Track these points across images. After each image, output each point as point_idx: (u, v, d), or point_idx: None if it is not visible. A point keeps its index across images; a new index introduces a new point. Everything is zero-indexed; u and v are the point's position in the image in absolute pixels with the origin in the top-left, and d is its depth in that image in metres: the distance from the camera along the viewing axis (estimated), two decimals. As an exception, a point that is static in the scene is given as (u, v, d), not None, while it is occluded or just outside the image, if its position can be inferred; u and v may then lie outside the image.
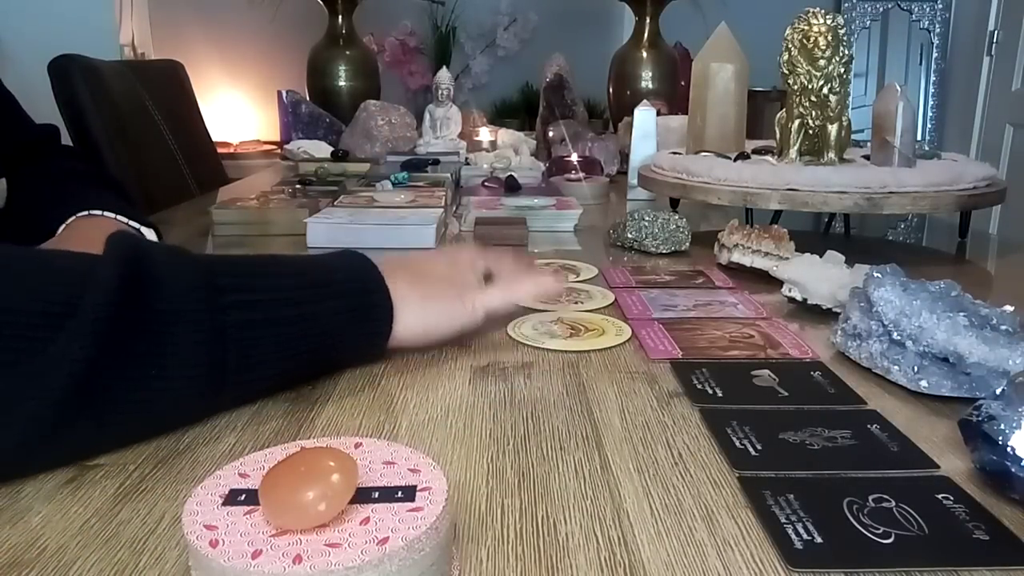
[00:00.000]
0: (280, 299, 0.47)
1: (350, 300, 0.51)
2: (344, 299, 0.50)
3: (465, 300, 0.57)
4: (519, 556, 0.33)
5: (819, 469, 0.40)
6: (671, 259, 0.89)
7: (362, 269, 0.53)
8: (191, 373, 0.42)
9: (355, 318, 0.51)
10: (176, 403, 0.43)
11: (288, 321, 0.47)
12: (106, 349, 0.39)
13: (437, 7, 3.00)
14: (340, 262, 0.53)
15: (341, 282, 0.51)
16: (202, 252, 0.95)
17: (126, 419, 0.41)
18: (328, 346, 0.50)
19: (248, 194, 1.14)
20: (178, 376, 0.42)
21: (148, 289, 0.41)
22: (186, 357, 0.42)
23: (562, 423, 0.46)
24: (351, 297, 0.51)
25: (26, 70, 1.34)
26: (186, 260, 0.45)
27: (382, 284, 0.52)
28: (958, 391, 0.49)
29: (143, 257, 0.42)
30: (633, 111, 1.37)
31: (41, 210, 0.73)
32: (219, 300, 0.44)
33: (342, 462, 0.30)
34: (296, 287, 0.49)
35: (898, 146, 0.90)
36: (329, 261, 0.53)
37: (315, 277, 0.50)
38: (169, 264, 0.43)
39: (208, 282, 0.44)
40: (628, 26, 2.31)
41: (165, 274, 0.42)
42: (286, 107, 1.97)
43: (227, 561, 0.27)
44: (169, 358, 0.41)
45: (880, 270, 0.54)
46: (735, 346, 0.59)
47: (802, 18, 0.90)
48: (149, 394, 0.41)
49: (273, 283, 0.48)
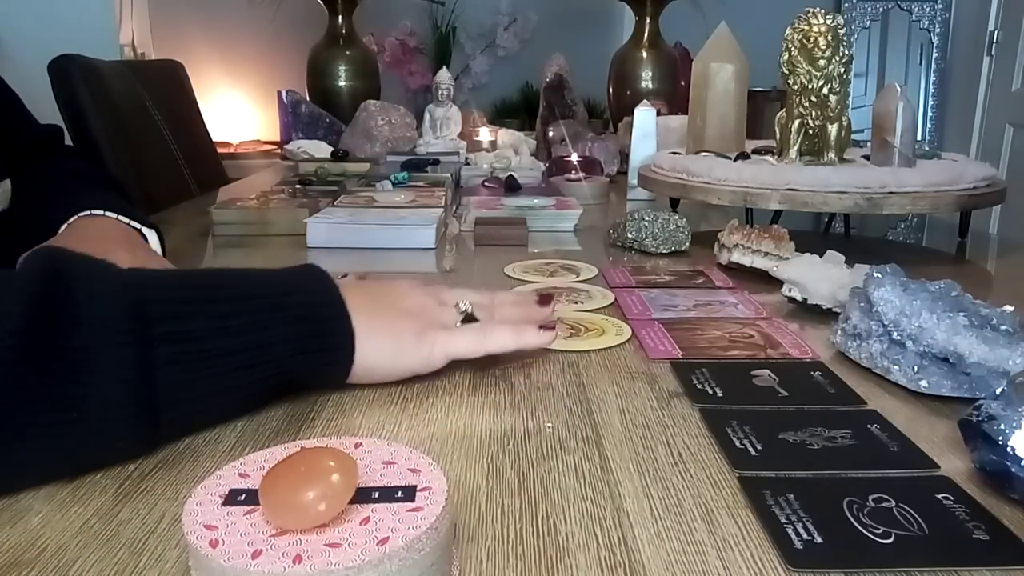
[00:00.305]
0: (218, 328, 0.42)
1: (303, 327, 0.45)
2: (295, 326, 0.45)
3: (423, 340, 0.50)
4: (519, 556, 0.33)
5: (819, 469, 0.40)
6: (671, 259, 0.89)
7: (320, 290, 0.47)
8: (117, 415, 0.38)
9: (309, 347, 0.46)
10: (104, 445, 0.39)
11: (227, 352, 0.42)
12: (12, 394, 0.35)
13: (437, 7, 3.00)
14: (295, 280, 0.47)
15: (293, 306, 0.45)
16: (198, 258, 0.96)
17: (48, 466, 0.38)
18: (275, 378, 0.45)
19: (248, 194, 1.14)
20: (102, 419, 0.38)
21: (62, 323, 0.37)
22: (110, 398, 0.38)
23: (562, 423, 0.46)
24: (305, 324, 0.45)
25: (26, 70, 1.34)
26: (109, 285, 0.40)
27: (342, 309, 0.47)
28: (958, 391, 0.49)
29: (56, 281, 0.38)
30: (633, 111, 1.37)
31: (43, 210, 0.73)
32: (146, 332, 0.39)
33: (342, 462, 0.30)
34: (238, 313, 0.43)
35: (898, 146, 0.90)
36: (283, 279, 0.47)
37: (262, 300, 0.45)
38: (88, 292, 0.39)
39: (134, 312, 0.39)
40: (628, 26, 2.32)
41: (83, 303, 0.38)
42: (286, 107, 1.97)
43: (227, 561, 0.27)
44: (92, 399, 0.37)
45: (880, 270, 0.54)
46: (735, 346, 0.59)
47: (802, 18, 0.90)
48: (71, 441, 0.37)
49: (211, 309, 0.42)
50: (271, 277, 0.47)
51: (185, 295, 0.43)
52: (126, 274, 0.42)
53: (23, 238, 0.65)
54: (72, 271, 0.40)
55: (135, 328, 0.39)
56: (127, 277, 0.42)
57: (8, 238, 0.72)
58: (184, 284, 0.44)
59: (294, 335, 0.45)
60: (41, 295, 0.38)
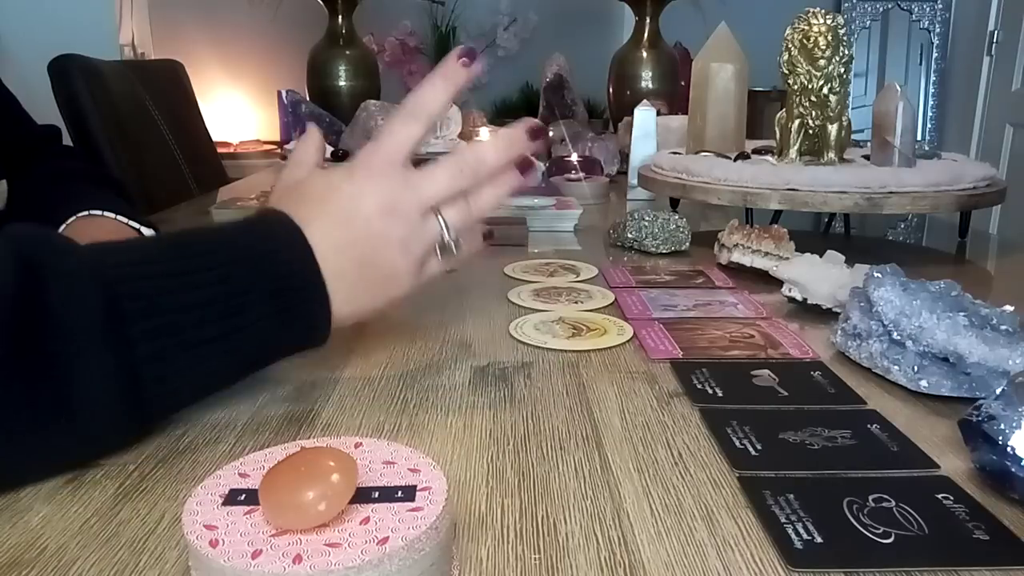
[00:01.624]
0: (196, 320, 0.41)
1: (280, 301, 0.44)
2: (273, 301, 0.44)
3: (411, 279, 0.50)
4: (519, 556, 0.33)
5: (819, 469, 0.40)
6: (671, 259, 0.89)
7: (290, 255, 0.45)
8: (105, 417, 0.39)
9: (288, 320, 0.45)
10: (95, 443, 0.40)
11: (207, 340, 0.42)
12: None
13: (437, 7, 3.00)
14: (264, 248, 0.45)
15: (268, 281, 0.44)
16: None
17: (41, 465, 0.39)
18: (260, 352, 0.46)
19: (248, 194, 1.14)
20: (91, 421, 0.38)
21: (39, 326, 0.37)
22: (96, 402, 0.38)
23: (562, 423, 0.46)
24: (281, 298, 0.45)
25: (26, 70, 1.34)
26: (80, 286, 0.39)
27: (315, 271, 0.46)
28: (958, 391, 0.49)
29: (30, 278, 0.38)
30: (633, 111, 1.37)
31: (42, 210, 0.73)
32: (124, 332, 0.39)
33: (342, 462, 0.30)
34: (215, 299, 0.42)
35: (898, 146, 0.90)
36: (252, 248, 0.45)
37: (239, 281, 0.43)
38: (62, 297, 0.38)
39: (109, 312, 0.39)
40: (628, 26, 2.31)
41: (57, 308, 0.37)
42: (286, 107, 1.97)
43: (227, 561, 0.27)
44: (78, 404, 0.38)
45: (880, 270, 0.54)
46: (736, 346, 0.59)
47: (802, 18, 0.90)
48: (62, 439, 0.38)
49: (187, 298, 0.41)
50: (240, 247, 0.45)
51: (159, 285, 0.41)
52: (95, 266, 0.40)
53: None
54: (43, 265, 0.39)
55: (112, 328, 0.39)
56: (96, 271, 0.40)
57: None
58: (156, 270, 0.42)
59: (274, 311, 0.44)
60: (13, 296, 0.37)
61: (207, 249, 0.44)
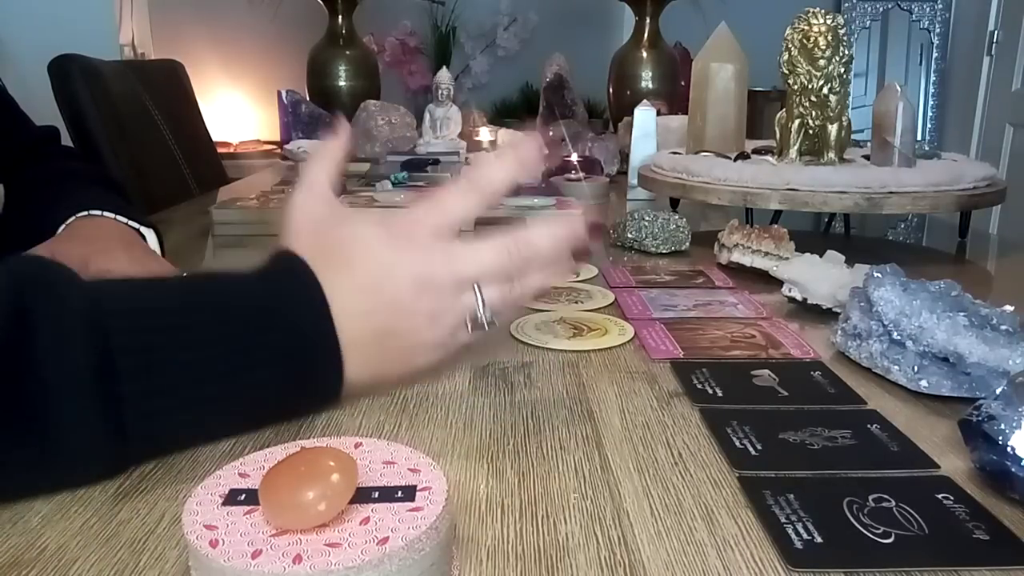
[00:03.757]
0: (194, 379, 0.39)
1: (289, 365, 0.41)
2: (282, 363, 0.41)
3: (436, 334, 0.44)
4: (519, 556, 0.33)
5: (819, 469, 0.40)
6: (671, 259, 0.89)
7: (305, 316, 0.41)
8: (88, 451, 0.37)
9: (296, 385, 0.42)
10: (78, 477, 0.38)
11: (205, 400, 0.39)
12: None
13: (437, 7, 3.00)
14: (278, 304, 0.42)
15: (278, 341, 0.40)
16: (198, 258, 0.95)
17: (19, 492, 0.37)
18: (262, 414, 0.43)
19: (248, 194, 1.14)
20: (73, 455, 0.37)
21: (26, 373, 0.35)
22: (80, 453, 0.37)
23: (562, 423, 0.46)
24: (290, 361, 0.41)
25: (26, 70, 1.35)
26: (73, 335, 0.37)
27: (332, 336, 0.41)
28: (958, 391, 0.49)
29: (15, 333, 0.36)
30: (633, 111, 1.37)
31: (41, 211, 0.73)
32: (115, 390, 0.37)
33: (342, 462, 0.30)
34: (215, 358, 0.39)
35: (898, 146, 0.90)
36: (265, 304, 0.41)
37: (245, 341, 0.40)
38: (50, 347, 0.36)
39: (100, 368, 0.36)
40: (628, 26, 2.31)
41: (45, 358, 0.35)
42: (286, 107, 1.97)
43: (227, 561, 0.27)
44: (63, 450, 0.36)
45: (880, 270, 0.54)
46: (736, 346, 0.59)
47: (802, 18, 0.90)
48: (41, 474, 0.37)
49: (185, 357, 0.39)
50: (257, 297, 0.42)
51: (158, 340, 0.38)
52: (91, 313, 0.37)
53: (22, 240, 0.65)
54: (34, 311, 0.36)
55: (102, 386, 0.36)
56: (92, 319, 0.37)
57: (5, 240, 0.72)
58: (157, 323, 0.39)
59: (280, 373, 0.41)
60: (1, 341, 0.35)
61: (217, 302, 0.41)
